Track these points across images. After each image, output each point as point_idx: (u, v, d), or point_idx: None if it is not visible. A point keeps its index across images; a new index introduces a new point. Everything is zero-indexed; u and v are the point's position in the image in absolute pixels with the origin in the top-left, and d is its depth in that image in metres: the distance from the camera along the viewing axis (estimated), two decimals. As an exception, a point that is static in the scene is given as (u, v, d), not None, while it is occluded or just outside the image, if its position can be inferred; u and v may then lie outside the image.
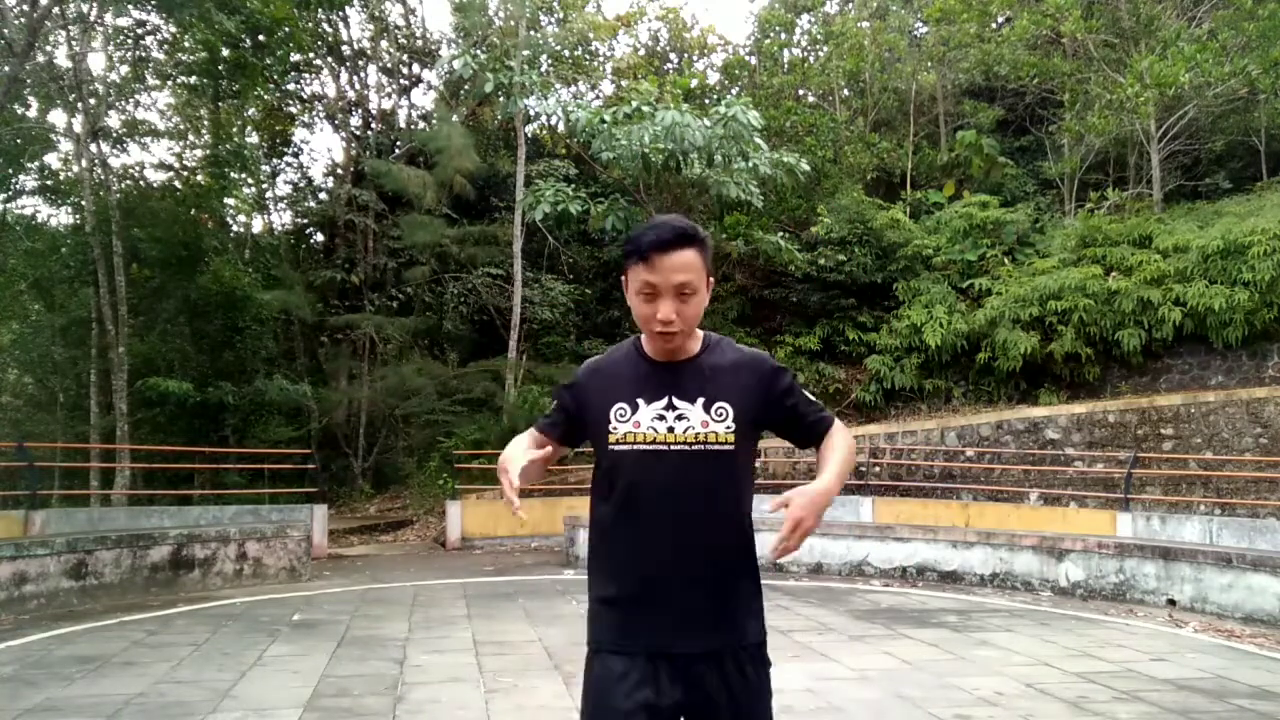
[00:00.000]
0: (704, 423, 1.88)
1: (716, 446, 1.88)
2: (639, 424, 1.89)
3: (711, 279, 1.93)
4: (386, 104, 22.46)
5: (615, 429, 1.90)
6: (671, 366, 1.93)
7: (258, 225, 22.43)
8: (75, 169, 17.84)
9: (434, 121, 21.26)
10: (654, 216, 2.00)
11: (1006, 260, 16.14)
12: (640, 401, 1.91)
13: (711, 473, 1.88)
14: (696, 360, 1.94)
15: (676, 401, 1.89)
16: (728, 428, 1.89)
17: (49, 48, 16.44)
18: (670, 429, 1.88)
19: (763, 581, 2.04)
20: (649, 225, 1.90)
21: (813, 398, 2.03)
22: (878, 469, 13.34)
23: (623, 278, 1.93)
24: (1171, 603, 7.90)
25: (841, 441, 1.97)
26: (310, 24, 19.25)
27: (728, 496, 1.91)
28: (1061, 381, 14.54)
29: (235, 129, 19.50)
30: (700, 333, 1.96)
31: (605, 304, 20.22)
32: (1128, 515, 10.08)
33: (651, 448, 1.87)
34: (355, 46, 21.66)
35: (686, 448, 1.87)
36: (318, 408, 17.77)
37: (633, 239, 1.89)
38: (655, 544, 1.89)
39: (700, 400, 1.89)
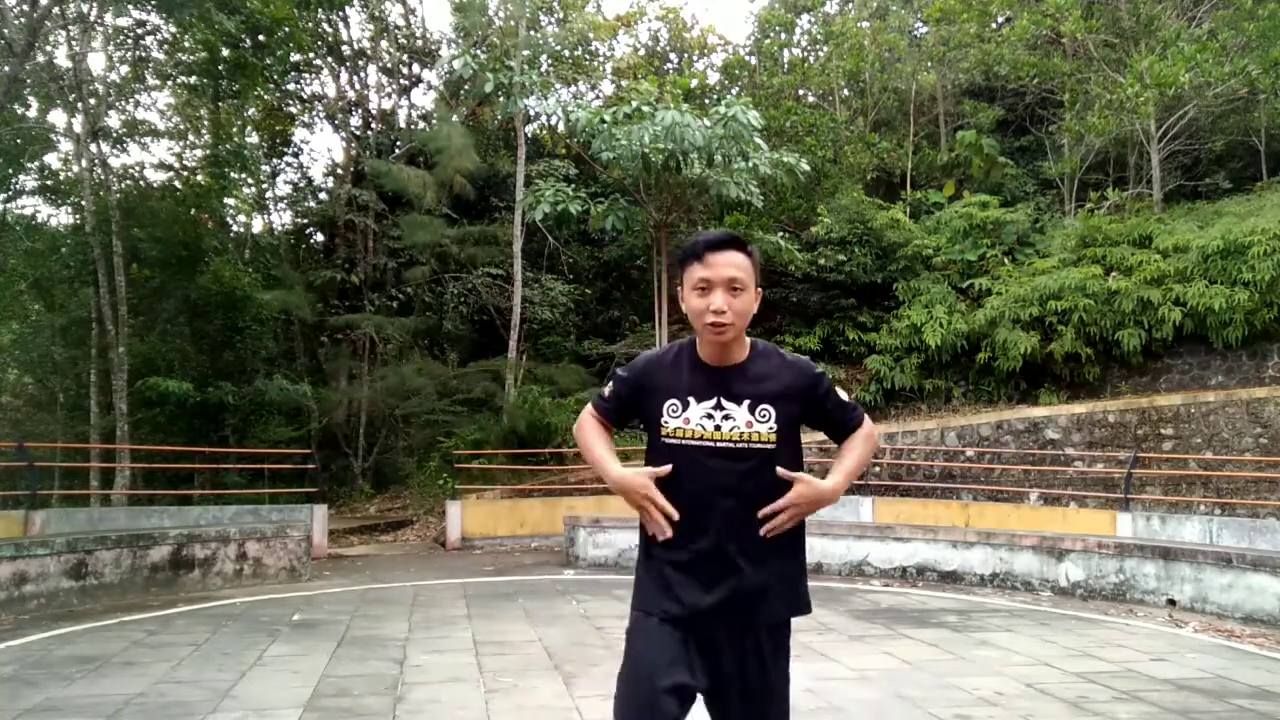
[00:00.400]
0: (748, 423, 2.07)
1: (759, 445, 2.07)
2: (689, 420, 2.08)
3: (759, 290, 2.15)
4: (386, 104, 22.50)
5: (667, 423, 2.09)
6: (722, 370, 2.12)
7: (258, 225, 22.46)
8: (75, 169, 17.84)
9: (434, 121, 21.26)
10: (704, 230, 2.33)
11: (1006, 260, 16.14)
12: (691, 400, 2.10)
13: (753, 468, 2.07)
14: (745, 365, 2.14)
15: (724, 402, 2.08)
16: (770, 428, 2.08)
17: (49, 48, 16.45)
18: (717, 427, 2.07)
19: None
20: (703, 233, 2.17)
21: (846, 398, 2.27)
22: (878, 469, 13.33)
23: (678, 287, 2.16)
24: (1171, 603, 7.90)
25: (860, 441, 2.24)
26: (310, 24, 19.24)
27: (766, 491, 2.07)
28: (1061, 381, 14.54)
29: (235, 129, 19.50)
30: (748, 340, 2.17)
31: (605, 304, 20.22)
32: (1128, 515, 10.08)
33: (699, 443, 2.06)
34: (355, 46, 21.67)
35: (731, 445, 2.06)
36: (318, 408, 17.77)
37: (689, 245, 2.14)
38: (697, 530, 2.06)
39: (746, 403, 2.08)
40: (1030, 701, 4.88)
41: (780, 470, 2.04)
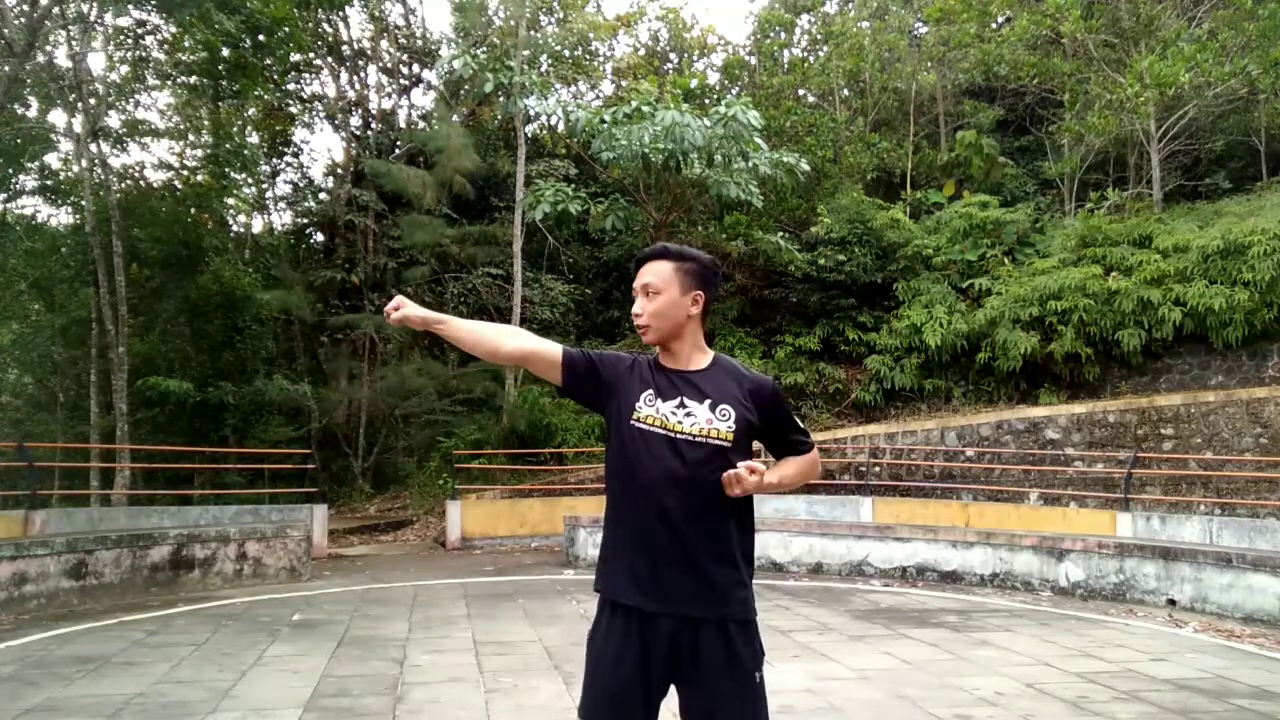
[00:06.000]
0: (708, 420, 2.27)
1: (715, 441, 2.26)
2: (658, 410, 2.29)
3: (699, 294, 2.34)
4: (386, 104, 22.49)
5: (639, 410, 2.30)
6: (683, 374, 2.35)
7: (258, 225, 22.48)
8: (75, 169, 17.84)
9: (434, 121, 21.26)
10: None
11: (1006, 260, 16.14)
12: (660, 397, 2.32)
13: (709, 461, 2.24)
14: (706, 372, 2.36)
15: (687, 401, 2.30)
16: (729, 427, 2.27)
17: (49, 48, 16.45)
18: (679, 422, 2.28)
19: (765, 582, 2.18)
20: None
21: (800, 423, 2.46)
22: (878, 469, 13.33)
23: None
24: (1171, 603, 7.90)
25: (804, 462, 2.43)
26: (310, 24, 19.24)
27: (714, 485, 2.23)
28: (1061, 381, 14.54)
29: (235, 129, 19.49)
30: (710, 352, 2.41)
31: (605, 304, 20.21)
32: (1128, 515, 10.08)
33: (663, 432, 2.27)
34: (355, 46, 21.68)
35: (689, 439, 2.25)
36: (318, 408, 17.76)
37: None
38: (654, 516, 2.23)
39: (707, 403, 2.29)
40: (1030, 701, 4.88)
41: (746, 468, 2.18)
